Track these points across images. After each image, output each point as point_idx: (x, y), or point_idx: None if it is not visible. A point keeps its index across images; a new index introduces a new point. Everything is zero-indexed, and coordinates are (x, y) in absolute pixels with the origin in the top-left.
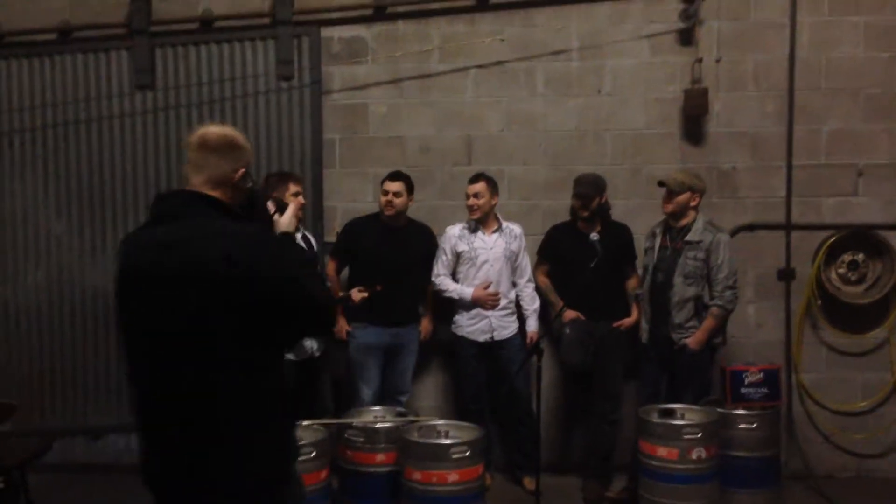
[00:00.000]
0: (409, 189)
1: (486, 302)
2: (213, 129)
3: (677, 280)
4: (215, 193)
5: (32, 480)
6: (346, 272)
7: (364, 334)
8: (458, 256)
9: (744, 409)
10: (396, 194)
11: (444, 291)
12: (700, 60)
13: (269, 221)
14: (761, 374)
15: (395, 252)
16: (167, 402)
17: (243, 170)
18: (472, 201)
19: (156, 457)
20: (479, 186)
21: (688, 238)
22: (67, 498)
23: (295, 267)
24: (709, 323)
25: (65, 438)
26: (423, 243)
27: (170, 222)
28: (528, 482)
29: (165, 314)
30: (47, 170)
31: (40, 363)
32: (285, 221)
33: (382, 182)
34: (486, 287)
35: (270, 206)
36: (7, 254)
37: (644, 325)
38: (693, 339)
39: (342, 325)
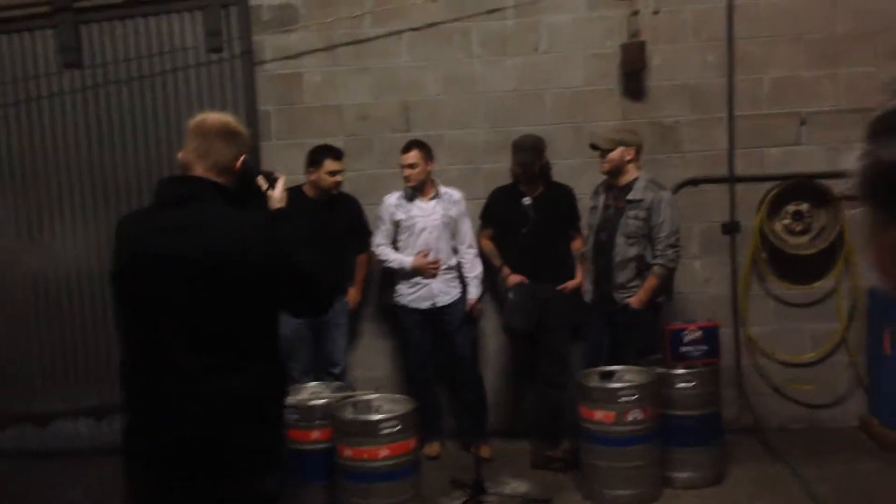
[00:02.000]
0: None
1: (426, 270)
2: (214, 115)
3: (619, 240)
4: (220, 179)
5: None
6: None
7: None
8: (396, 225)
9: (685, 367)
10: (341, 172)
11: (386, 261)
12: (637, 13)
13: (262, 198)
14: (700, 332)
15: (318, 227)
16: (174, 378)
17: (244, 156)
18: (407, 171)
19: (149, 433)
20: (413, 156)
21: (629, 197)
22: (19, 484)
23: (298, 251)
24: (650, 282)
25: (12, 426)
26: (351, 216)
27: (179, 207)
28: (480, 448)
29: (178, 295)
30: None
31: None
32: (277, 196)
33: (324, 161)
34: (426, 255)
35: (261, 181)
36: None
37: (588, 286)
38: (635, 299)
39: None
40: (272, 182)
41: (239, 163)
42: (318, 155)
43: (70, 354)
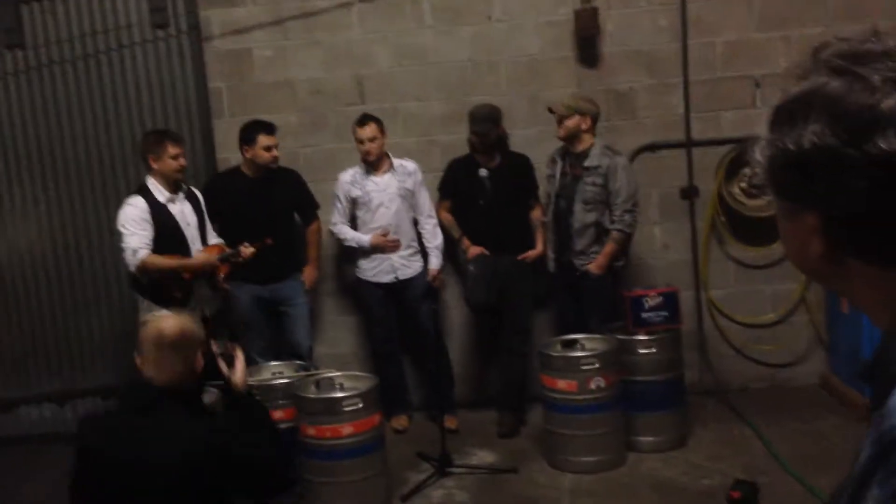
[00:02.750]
0: None
1: (385, 247)
2: (170, 325)
3: (577, 206)
4: (180, 384)
5: None
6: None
7: (241, 292)
8: (353, 202)
9: (646, 333)
10: (276, 146)
11: (344, 240)
12: None
13: (225, 382)
14: (661, 298)
15: (261, 206)
16: None
17: (201, 358)
18: (367, 146)
19: None
20: (372, 129)
21: (586, 164)
22: None
23: (254, 445)
24: (609, 247)
25: None
26: (292, 190)
27: (141, 416)
28: (447, 420)
29: (137, 501)
30: None
31: None
32: (239, 379)
33: (258, 137)
34: (385, 234)
35: (221, 365)
36: None
37: (550, 255)
38: (594, 264)
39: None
40: (230, 362)
41: (198, 365)
42: (250, 132)
43: (29, 340)
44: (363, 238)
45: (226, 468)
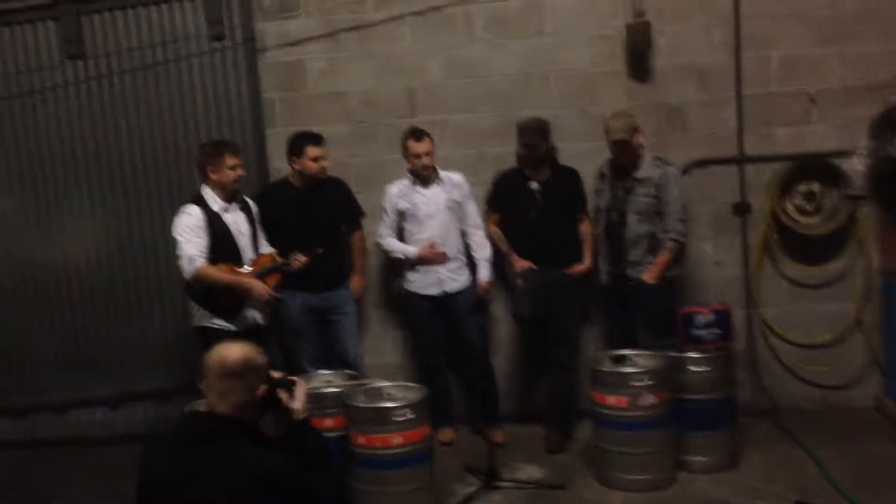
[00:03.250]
0: None
1: (432, 260)
2: (231, 354)
3: (631, 218)
4: (242, 415)
5: (1, 459)
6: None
7: (292, 301)
8: (400, 214)
9: (698, 351)
10: (324, 157)
11: (391, 252)
12: None
13: (285, 412)
14: (713, 316)
15: (309, 215)
16: None
17: (264, 386)
18: (424, 160)
19: None
20: (428, 144)
21: (637, 175)
22: (33, 474)
23: (314, 477)
24: (663, 257)
25: (29, 416)
26: (338, 198)
27: (202, 446)
28: (493, 434)
29: None
30: None
31: None
32: (299, 408)
33: (306, 148)
34: (432, 246)
35: (282, 395)
36: None
37: (602, 267)
38: (649, 274)
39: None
40: (290, 391)
41: (259, 393)
42: (298, 143)
43: (83, 343)
44: (410, 250)
45: (288, 496)
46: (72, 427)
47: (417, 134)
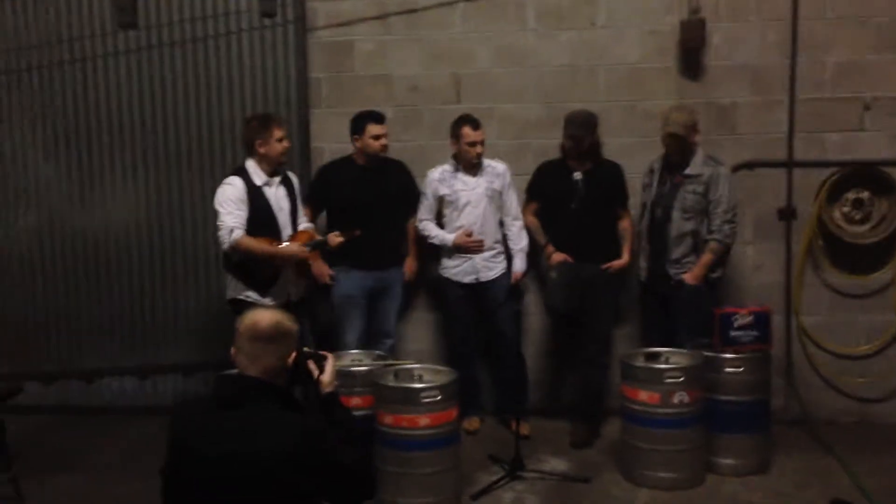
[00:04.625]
0: None
1: (468, 248)
2: (264, 319)
3: (675, 214)
4: (272, 380)
5: (27, 423)
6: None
7: (347, 278)
8: (440, 200)
9: (733, 352)
10: (386, 136)
11: (428, 237)
12: None
13: (315, 384)
14: (751, 317)
15: (371, 194)
16: None
17: (295, 353)
18: (478, 149)
19: None
20: (483, 133)
21: (687, 171)
22: (62, 439)
23: (345, 449)
24: (707, 257)
25: (59, 381)
26: (400, 181)
27: (233, 409)
28: (520, 425)
29: (225, 496)
30: (34, 112)
31: (33, 307)
32: (327, 380)
33: (367, 126)
34: (469, 234)
35: (312, 367)
36: None
37: (643, 264)
38: (691, 274)
39: (324, 270)
40: (321, 365)
41: (290, 361)
42: (359, 121)
43: (117, 313)
44: (447, 236)
45: (318, 464)
46: (100, 396)
47: (474, 122)
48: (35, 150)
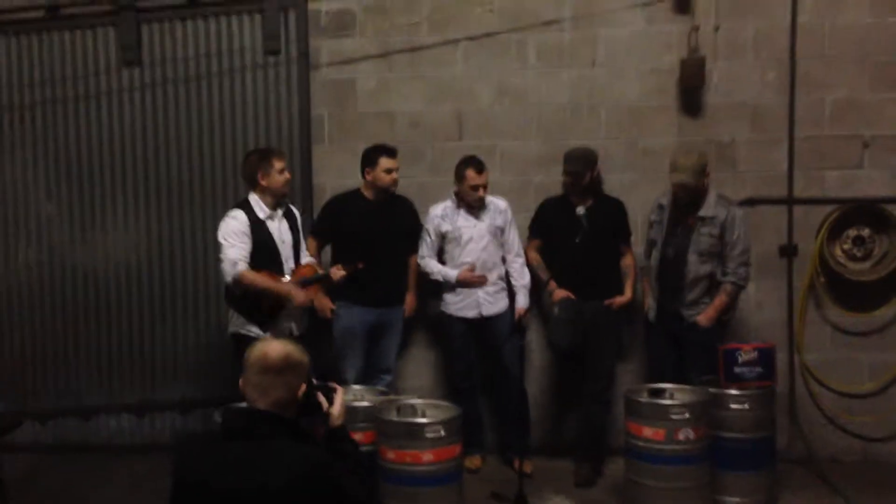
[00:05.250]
0: None
1: (472, 283)
2: (273, 350)
3: (691, 257)
4: (281, 412)
5: (24, 461)
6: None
7: (349, 314)
8: (442, 237)
9: (738, 388)
10: (397, 170)
11: (430, 274)
12: (697, 28)
13: (324, 417)
14: (755, 353)
15: (378, 229)
16: None
17: (304, 386)
18: (481, 192)
19: None
20: (486, 176)
21: (701, 213)
22: (59, 476)
23: (351, 481)
24: (720, 300)
25: (56, 419)
26: (406, 217)
27: (242, 441)
28: (522, 464)
29: None
30: (36, 148)
31: (32, 342)
32: (337, 412)
33: (379, 159)
34: (472, 269)
35: (321, 399)
36: None
37: (651, 303)
38: (704, 317)
39: (326, 304)
40: (330, 398)
41: (300, 392)
42: (372, 154)
43: (115, 350)
44: (450, 273)
45: (326, 496)
46: (98, 433)
47: (478, 165)
48: (37, 185)
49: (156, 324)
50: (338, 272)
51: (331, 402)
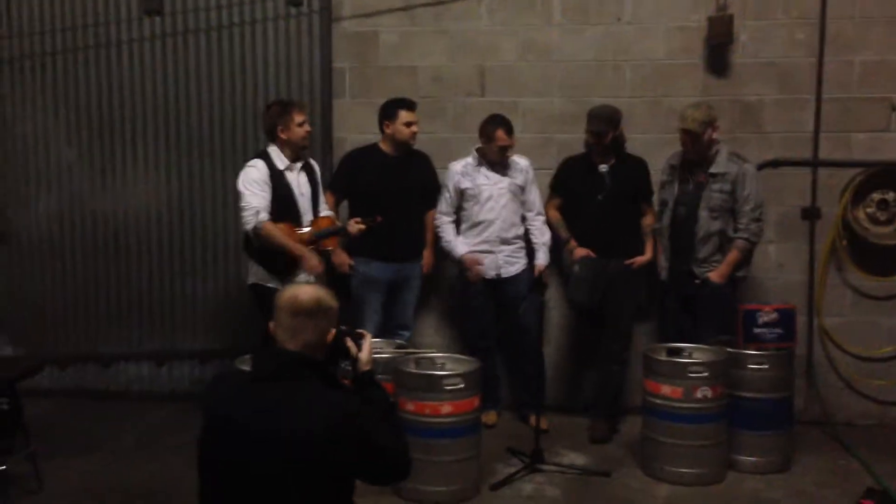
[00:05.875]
0: None
1: (469, 269)
2: (305, 293)
3: (702, 214)
4: (311, 355)
5: (44, 405)
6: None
7: (367, 269)
8: (461, 193)
9: (756, 349)
10: (416, 123)
11: (442, 239)
12: None
13: (352, 362)
14: (776, 315)
15: (396, 184)
16: None
17: (334, 330)
18: (509, 153)
19: None
20: (514, 138)
21: (712, 170)
22: (78, 423)
23: (380, 429)
24: (733, 256)
25: (76, 365)
26: (424, 173)
27: (271, 383)
28: (538, 421)
29: (256, 468)
30: (57, 96)
31: (52, 290)
32: (365, 358)
33: (399, 112)
34: (479, 263)
35: (350, 344)
36: (19, 181)
37: (663, 263)
38: (717, 273)
39: (344, 260)
40: (359, 343)
41: (330, 337)
42: (391, 107)
43: (135, 299)
44: (458, 248)
45: (355, 442)
46: (117, 380)
47: (508, 126)
48: (57, 134)
49: (175, 273)
50: (356, 225)
51: (359, 347)
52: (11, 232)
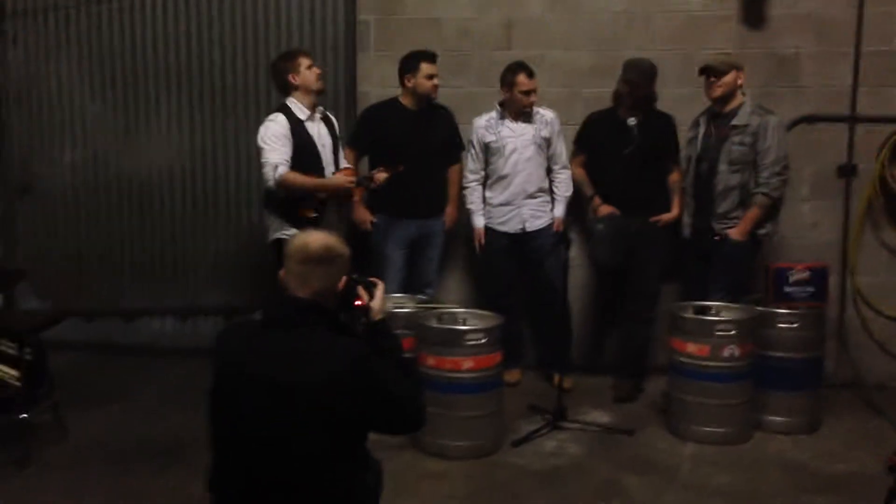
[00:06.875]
0: None
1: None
2: (315, 240)
3: (722, 167)
4: (322, 302)
5: (69, 357)
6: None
7: (389, 226)
8: (486, 148)
9: (787, 308)
10: (437, 75)
11: (467, 201)
12: None
13: (364, 311)
14: (808, 273)
15: (418, 138)
16: (259, 496)
17: (345, 278)
18: (532, 98)
19: None
20: (537, 82)
21: (734, 122)
22: (100, 376)
23: (393, 377)
24: (753, 212)
25: (99, 320)
26: (446, 128)
27: (282, 330)
28: (563, 380)
29: (268, 416)
30: (82, 49)
31: (76, 243)
32: (377, 307)
33: (420, 65)
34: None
35: (362, 292)
36: (44, 134)
37: (686, 220)
38: (736, 230)
39: (366, 216)
40: (371, 292)
41: (341, 284)
42: (412, 60)
43: (159, 254)
44: (476, 221)
45: (366, 390)
46: (140, 335)
47: (529, 70)
48: (82, 87)
49: (197, 229)
50: (380, 174)
51: (371, 296)
52: (36, 185)
